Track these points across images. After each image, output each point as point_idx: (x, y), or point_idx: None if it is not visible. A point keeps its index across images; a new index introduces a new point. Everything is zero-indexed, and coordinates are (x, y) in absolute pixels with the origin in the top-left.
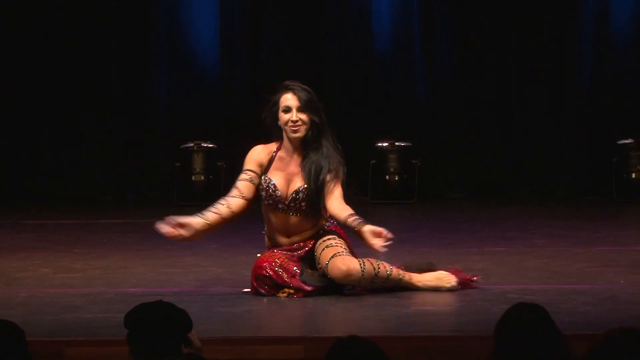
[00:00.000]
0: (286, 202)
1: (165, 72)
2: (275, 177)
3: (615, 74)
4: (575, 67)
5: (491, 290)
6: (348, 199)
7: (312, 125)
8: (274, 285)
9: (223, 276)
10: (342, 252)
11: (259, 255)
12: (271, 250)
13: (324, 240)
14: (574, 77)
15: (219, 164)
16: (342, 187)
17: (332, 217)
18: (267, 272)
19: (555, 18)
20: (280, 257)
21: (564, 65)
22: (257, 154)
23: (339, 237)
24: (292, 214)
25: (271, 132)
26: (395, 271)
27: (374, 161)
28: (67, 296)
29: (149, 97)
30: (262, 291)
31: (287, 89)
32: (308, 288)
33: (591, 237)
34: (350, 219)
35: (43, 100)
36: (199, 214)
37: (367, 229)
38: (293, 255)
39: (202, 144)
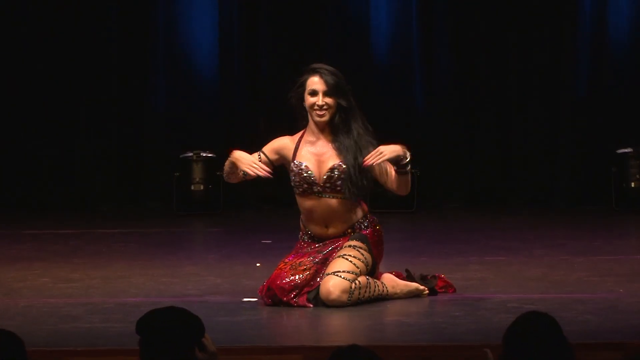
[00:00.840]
0: (321, 183)
1: (164, 81)
2: (306, 160)
3: (613, 82)
4: (573, 75)
5: (491, 300)
6: None
7: (339, 109)
8: (280, 302)
9: (222, 286)
10: (343, 272)
11: (258, 264)
12: (301, 245)
13: (346, 247)
14: (572, 86)
15: (218, 173)
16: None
17: (395, 187)
18: (281, 297)
19: (552, 27)
20: (299, 271)
21: (562, 73)
22: (279, 141)
23: (364, 249)
24: (329, 196)
25: (296, 113)
26: (380, 287)
27: None
28: (66, 306)
29: (148, 107)
30: (267, 301)
31: (314, 72)
32: (310, 305)
33: (590, 247)
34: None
35: (41, 110)
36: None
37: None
38: (319, 254)
39: (202, 154)
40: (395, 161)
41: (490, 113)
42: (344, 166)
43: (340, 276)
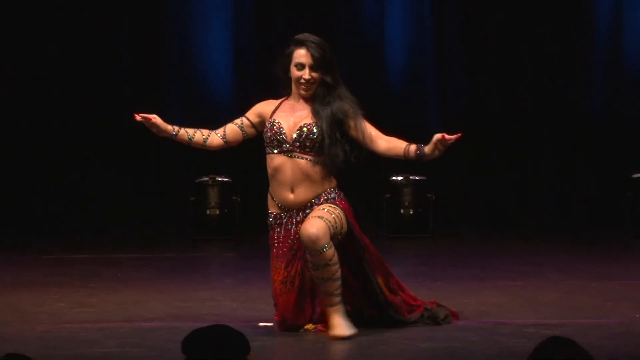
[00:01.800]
0: (290, 141)
1: (180, 105)
2: (281, 119)
3: (628, 107)
4: (588, 100)
5: (507, 325)
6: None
7: (324, 83)
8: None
9: (238, 310)
10: (322, 216)
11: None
12: (274, 242)
13: (316, 209)
14: (587, 110)
15: (233, 198)
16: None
17: (385, 155)
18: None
19: (567, 51)
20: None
21: (577, 98)
22: (262, 104)
23: (334, 207)
24: (298, 157)
25: (280, 82)
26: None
27: (388, 195)
28: (82, 331)
29: None
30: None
31: (301, 44)
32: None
33: (605, 271)
34: (411, 149)
35: (57, 135)
36: (179, 126)
37: (428, 148)
38: (293, 240)
39: (217, 178)
40: (427, 155)
41: (505, 138)
42: (314, 127)
43: (318, 217)
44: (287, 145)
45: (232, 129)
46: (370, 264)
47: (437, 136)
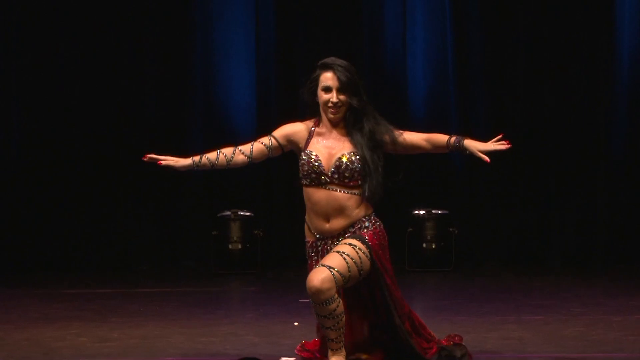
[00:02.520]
0: (329, 174)
1: (202, 139)
2: (317, 150)
3: None
4: (609, 135)
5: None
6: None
7: (352, 107)
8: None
9: (259, 345)
10: (332, 266)
11: (296, 324)
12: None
13: (343, 244)
14: (608, 146)
15: (255, 232)
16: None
17: (432, 152)
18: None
19: (589, 85)
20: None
21: (599, 133)
22: (292, 127)
23: (362, 251)
24: (336, 189)
25: (307, 107)
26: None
27: (410, 229)
28: None
29: None
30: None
31: (328, 67)
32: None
33: (627, 305)
34: (452, 140)
35: (80, 172)
36: (199, 156)
37: (469, 142)
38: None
39: (239, 212)
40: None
41: (527, 173)
42: (353, 157)
43: (331, 272)
44: (325, 178)
45: (259, 149)
46: (392, 300)
47: (482, 148)
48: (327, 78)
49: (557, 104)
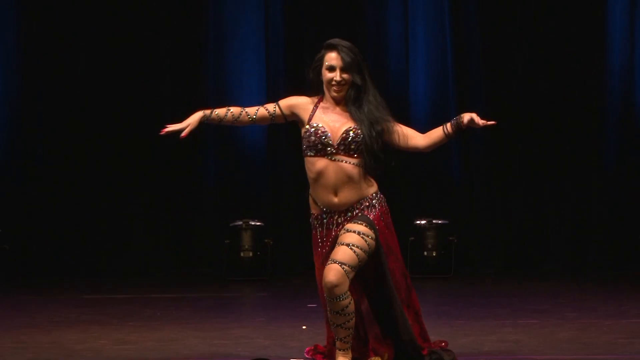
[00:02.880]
0: (335, 145)
1: (214, 155)
2: (323, 122)
3: (639, 156)
4: (602, 152)
5: None
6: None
7: (354, 84)
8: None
9: (270, 347)
10: (344, 261)
11: (304, 327)
12: (317, 241)
13: (351, 232)
14: (601, 161)
15: (266, 240)
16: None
17: (428, 148)
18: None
19: (583, 96)
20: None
21: (592, 143)
22: (297, 99)
23: (370, 236)
24: (342, 160)
25: (311, 85)
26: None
27: (412, 238)
28: None
29: (198, 177)
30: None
31: (332, 47)
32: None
33: (619, 310)
34: (446, 127)
35: (101, 184)
36: (209, 111)
37: (464, 116)
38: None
39: (250, 222)
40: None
41: (524, 183)
42: (358, 130)
43: (343, 268)
44: (331, 149)
45: (262, 114)
46: (394, 283)
47: (467, 118)
48: (332, 58)
49: (554, 120)
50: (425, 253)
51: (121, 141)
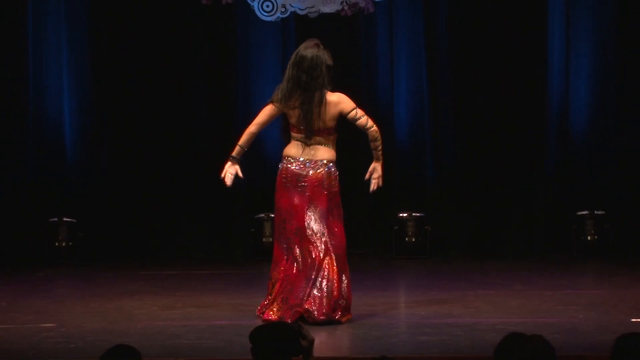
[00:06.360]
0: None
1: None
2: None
3: (575, 161)
4: (544, 156)
5: (483, 323)
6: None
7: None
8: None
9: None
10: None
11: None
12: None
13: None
14: (543, 165)
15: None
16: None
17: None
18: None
19: (528, 117)
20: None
21: (536, 156)
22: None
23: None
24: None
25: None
26: None
27: (396, 227)
28: (170, 327)
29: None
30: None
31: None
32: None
33: (557, 284)
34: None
35: (154, 187)
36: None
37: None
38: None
39: (271, 215)
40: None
41: (484, 183)
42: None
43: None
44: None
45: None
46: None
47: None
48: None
49: (505, 138)
50: (407, 239)
51: (162, 136)
